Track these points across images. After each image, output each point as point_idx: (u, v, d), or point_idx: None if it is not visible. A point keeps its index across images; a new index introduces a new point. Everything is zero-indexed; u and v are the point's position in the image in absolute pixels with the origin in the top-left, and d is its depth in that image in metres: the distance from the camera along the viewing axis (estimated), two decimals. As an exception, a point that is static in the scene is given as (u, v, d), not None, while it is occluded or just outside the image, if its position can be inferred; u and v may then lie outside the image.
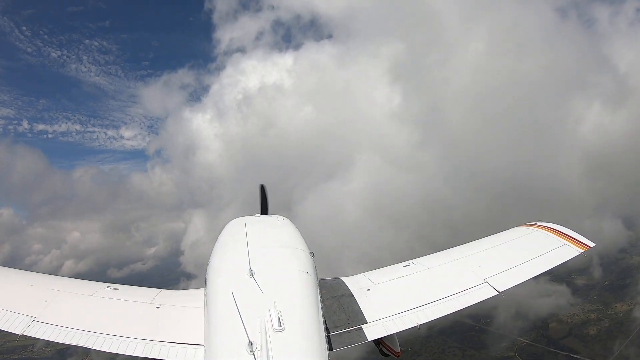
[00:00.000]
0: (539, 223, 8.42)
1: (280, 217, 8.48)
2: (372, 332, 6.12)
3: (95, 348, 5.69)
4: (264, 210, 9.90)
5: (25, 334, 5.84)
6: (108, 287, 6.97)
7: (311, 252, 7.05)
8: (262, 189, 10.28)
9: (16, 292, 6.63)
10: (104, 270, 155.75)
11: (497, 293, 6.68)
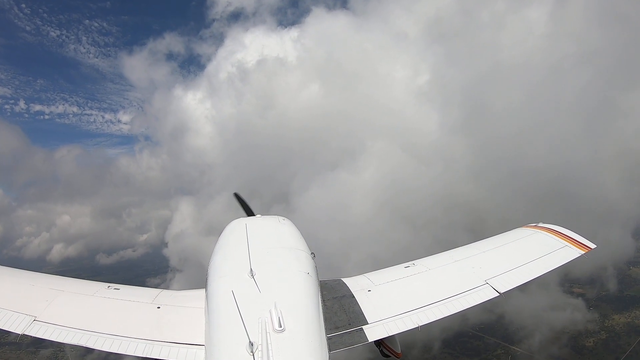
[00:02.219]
0: (540, 224, 8.48)
1: (281, 218, 8.53)
2: (373, 333, 6.12)
3: (96, 348, 5.69)
4: (250, 213, 9.95)
5: (26, 333, 5.83)
6: (109, 287, 6.98)
7: (312, 253, 7.10)
8: (237, 197, 10.41)
9: (17, 292, 6.63)
10: (93, 256, 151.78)
11: (499, 294, 6.70)
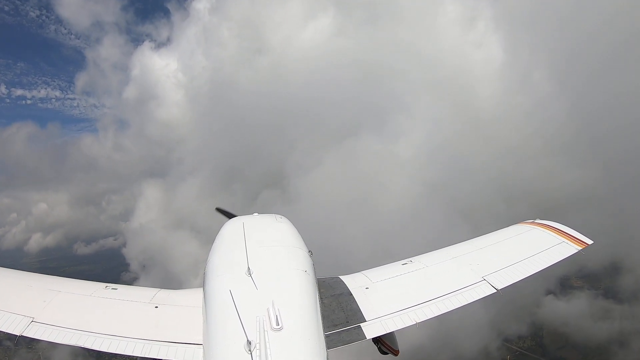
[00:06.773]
0: (537, 221, 8.56)
1: (278, 216, 8.61)
2: (371, 330, 6.17)
3: (94, 348, 5.70)
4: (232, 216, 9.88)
5: (24, 334, 5.84)
6: (106, 287, 7.00)
7: (309, 251, 7.15)
8: (220, 211, 10.40)
9: (15, 293, 6.64)
10: (72, 245, 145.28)
11: (496, 291, 6.77)
